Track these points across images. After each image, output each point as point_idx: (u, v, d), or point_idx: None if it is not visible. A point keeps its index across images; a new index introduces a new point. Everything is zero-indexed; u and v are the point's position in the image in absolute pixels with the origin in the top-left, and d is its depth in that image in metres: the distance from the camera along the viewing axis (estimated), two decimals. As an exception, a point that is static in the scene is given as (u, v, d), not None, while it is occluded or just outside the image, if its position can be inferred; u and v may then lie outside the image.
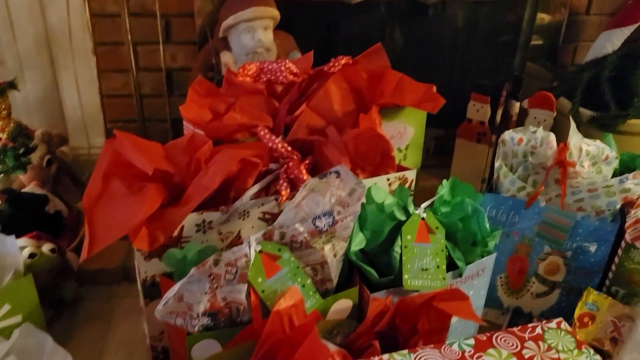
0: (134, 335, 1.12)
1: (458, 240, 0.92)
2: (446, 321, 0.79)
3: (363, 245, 0.87)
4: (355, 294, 0.84)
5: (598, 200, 1.08)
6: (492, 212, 1.14)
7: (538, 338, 0.76)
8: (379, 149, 0.97)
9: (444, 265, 0.88)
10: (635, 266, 1.04)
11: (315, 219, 0.79)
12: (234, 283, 0.74)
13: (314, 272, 0.84)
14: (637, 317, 0.98)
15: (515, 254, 1.15)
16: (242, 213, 0.90)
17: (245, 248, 0.75)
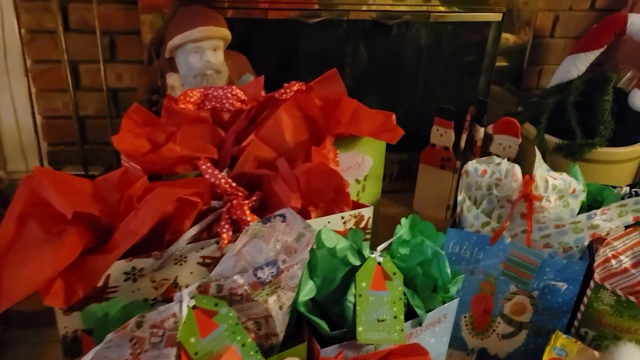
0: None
1: (417, 286, 0.85)
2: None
3: (313, 294, 0.79)
4: (303, 351, 0.76)
5: (565, 237, 1.02)
6: (455, 248, 1.07)
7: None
8: (333, 185, 0.89)
9: (401, 316, 0.80)
10: (605, 307, 0.98)
11: (257, 270, 0.71)
12: (161, 347, 0.65)
13: (257, 326, 0.75)
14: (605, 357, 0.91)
15: (480, 293, 1.08)
16: (179, 258, 0.80)
17: (174, 307, 0.65)
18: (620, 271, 0.98)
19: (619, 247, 0.99)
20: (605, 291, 0.97)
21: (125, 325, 0.62)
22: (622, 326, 0.98)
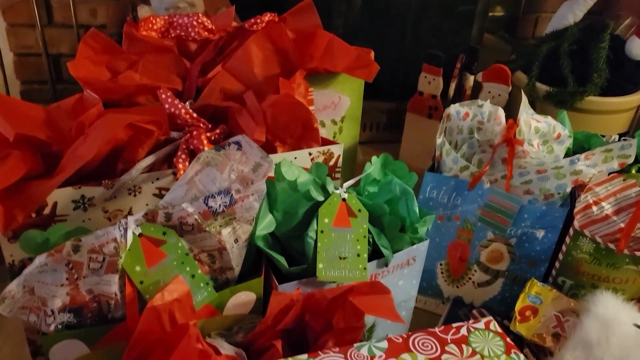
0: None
1: (384, 226, 0.81)
2: (360, 319, 0.68)
3: (272, 228, 0.75)
4: (258, 286, 0.72)
5: (547, 183, 0.98)
6: (432, 193, 1.03)
7: (462, 341, 0.65)
8: (300, 119, 0.84)
9: (365, 254, 0.77)
10: (584, 255, 0.94)
11: (208, 198, 0.67)
12: (101, 273, 0.61)
13: (210, 259, 0.72)
14: (582, 312, 0.88)
15: (457, 240, 1.04)
16: (133, 188, 0.76)
17: (114, 231, 0.62)
18: (601, 218, 0.94)
19: (601, 194, 0.94)
20: (585, 239, 0.93)
21: (60, 248, 0.59)
22: (600, 275, 0.94)
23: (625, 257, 0.90)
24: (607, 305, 0.87)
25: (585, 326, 0.86)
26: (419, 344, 0.64)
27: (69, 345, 0.63)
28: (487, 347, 0.64)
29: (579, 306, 0.91)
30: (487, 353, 0.63)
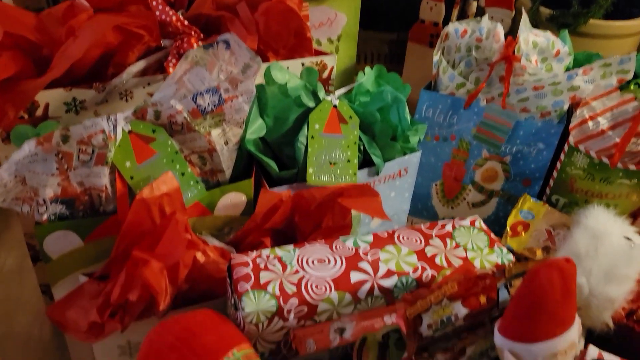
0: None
1: (375, 134, 0.81)
2: (347, 216, 0.69)
3: (262, 133, 0.76)
4: (248, 187, 0.73)
5: (544, 100, 0.97)
6: (428, 112, 1.02)
7: (446, 235, 0.66)
8: (292, 28, 0.83)
9: (355, 160, 0.78)
10: (577, 171, 0.94)
11: (196, 96, 0.67)
12: (90, 165, 0.62)
13: (201, 160, 0.72)
14: (573, 225, 0.89)
15: (452, 160, 1.05)
16: (124, 92, 0.77)
17: (102, 123, 0.62)
18: (597, 133, 0.93)
19: (598, 108, 0.93)
20: (579, 154, 0.93)
21: (49, 137, 0.60)
22: (593, 190, 0.95)
23: (619, 171, 0.90)
24: (598, 217, 0.87)
25: (575, 238, 0.86)
26: (403, 238, 0.66)
27: (62, 236, 0.64)
28: (471, 242, 0.66)
29: (570, 220, 0.91)
30: (471, 246, 0.65)
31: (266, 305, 0.56)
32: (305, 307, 0.57)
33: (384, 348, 0.60)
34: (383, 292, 0.59)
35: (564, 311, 0.47)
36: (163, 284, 0.58)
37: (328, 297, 0.58)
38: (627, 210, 0.95)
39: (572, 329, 0.49)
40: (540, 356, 0.47)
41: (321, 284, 0.58)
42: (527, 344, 0.47)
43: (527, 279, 0.48)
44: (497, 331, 0.49)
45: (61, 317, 0.60)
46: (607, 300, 0.79)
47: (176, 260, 0.59)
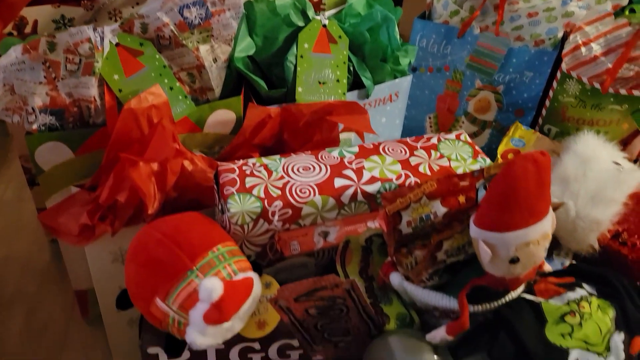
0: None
1: (365, 55, 0.81)
2: (334, 130, 0.70)
3: (251, 51, 0.76)
4: (238, 104, 0.74)
5: (538, 27, 0.96)
6: (422, 42, 1.02)
7: (431, 147, 0.67)
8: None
9: (344, 80, 0.78)
10: (569, 99, 0.94)
11: (182, 9, 0.67)
12: (78, 75, 0.63)
13: (190, 78, 0.73)
14: (562, 151, 0.89)
15: (446, 91, 1.04)
16: (112, 12, 0.77)
17: (88, 31, 0.63)
18: (589, 59, 0.93)
19: (591, 34, 0.93)
20: (571, 80, 0.92)
21: (35, 44, 0.60)
22: (585, 118, 0.95)
23: (610, 96, 0.90)
24: (587, 143, 0.87)
25: (564, 162, 0.87)
26: (389, 149, 0.66)
27: (53, 147, 0.65)
28: (456, 153, 0.66)
29: (560, 147, 0.92)
30: (455, 157, 0.65)
31: (251, 207, 0.57)
32: (289, 210, 0.59)
33: (367, 253, 0.62)
34: (366, 198, 0.61)
35: (538, 202, 0.48)
36: (151, 188, 0.59)
37: (312, 201, 0.59)
38: (617, 138, 0.95)
39: (546, 219, 0.50)
40: (513, 245, 0.49)
41: (305, 188, 0.59)
42: (501, 233, 0.49)
43: (503, 170, 0.49)
44: (472, 222, 0.51)
45: (53, 222, 0.61)
46: (593, 222, 0.80)
47: (164, 167, 0.60)
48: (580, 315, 0.54)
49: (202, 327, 0.50)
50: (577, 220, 0.80)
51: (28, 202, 1.00)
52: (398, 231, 0.53)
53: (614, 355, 0.53)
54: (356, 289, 0.52)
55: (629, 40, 0.91)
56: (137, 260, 0.54)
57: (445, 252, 0.53)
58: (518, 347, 0.52)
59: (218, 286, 0.48)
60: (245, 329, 0.56)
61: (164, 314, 0.52)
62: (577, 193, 0.83)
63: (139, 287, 0.53)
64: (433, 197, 0.53)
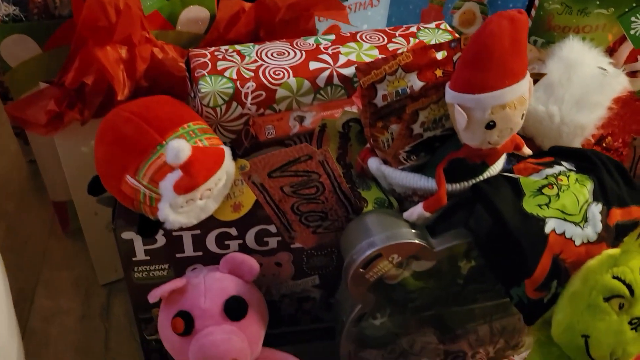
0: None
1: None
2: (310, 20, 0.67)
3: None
4: (211, 1, 0.71)
5: None
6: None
7: (410, 35, 0.65)
8: None
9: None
10: (555, 6, 0.92)
11: None
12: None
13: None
14: (547, 56, 0.88)
15: (430, 5, 1.02)
16: None
17: None
18: (577, -38, 0.90)
19: None
20: (557, -15, 0.90)
21: None
22: (571, 25, 0.92)
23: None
24: (573, 48, 0.86)
25: (549, 67, 0.85)
26: (366, 37, 0.65)
27: (19, 41, 0.63)
28: (435, 39, 0.65)
29: (545, 54, 0.90)
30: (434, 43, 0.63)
31: (223, 87, 0.56)
32: (263, 92, 0.57)
33: (345, 139, 0.61)
34: (343, 82, 0.59)
35: (514, 61, 0.47)
36: (120, 73, 0.57)
37: (286, 82, 0.57)
38: (603, 45, 0.93)
39: (522, 82, 0.48)
40: (489, 107, 0.47)
41: (279, 70, 0.58)
42: (476, 95, 0.47)
43: (478, 29, 0.47)
44: (448, 87, 0.49)
45: (21, 113, 0.60)
46: (577, 127, 0.80)
47: (133, 53, 0.59)
48: (558, 187, 0.54)
49: (173, 199, 0.49)
50: (561, 126, 0.79)
51: (5, 124, 0.98)
52: (373, 105, 0.52)
53: (591, 225, 0.53)
54: (329, 160, 0.51)
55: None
56: (105, 139, 0.52)
57: (422, 124, 0.52)
58: (494, 218, 0.51)
59: (185, 146, 0.47)
60: (221, 212, 0.55)
61: (134, 191, 0.51)
62: (562, 98, 0.82)
63: (109, 166, 0.52)
64: (409, 70, 0.52)
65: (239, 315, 0.54)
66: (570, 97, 0.82)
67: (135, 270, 0.59)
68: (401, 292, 0.57)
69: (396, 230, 0.52)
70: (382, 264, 0.52)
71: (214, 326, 0.53)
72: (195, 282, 0.55)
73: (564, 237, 0.52)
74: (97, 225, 0.72)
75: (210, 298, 0.54)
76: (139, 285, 0.60)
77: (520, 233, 0.51)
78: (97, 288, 0.77)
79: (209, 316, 0.53)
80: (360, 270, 0.52)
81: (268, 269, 0.61)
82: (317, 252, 0.61)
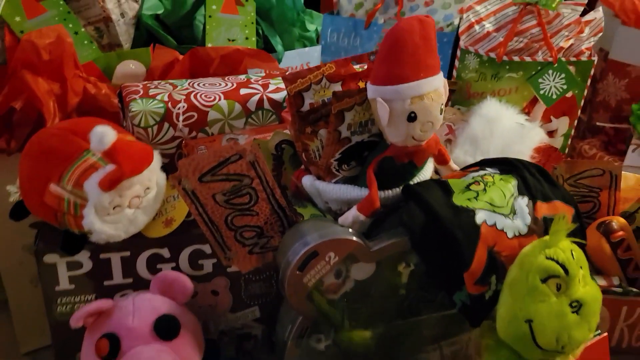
0: None
1: (273, 20, 0.85)
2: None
3: (159, 10, 0.78)
4: (147, 56, 0.74)
5: (435, 15, 1.04)
6: (333, 36, 1.07)
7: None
8: None
9: (254, 38, 0.81)
10: (472, 74, 1.00)
11: (87, -44, 0.69)
12: (-23, 8, 0.63)
13: (98, 33, 0.74)
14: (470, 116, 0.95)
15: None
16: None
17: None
18: (483, 36, 1.01)
19: (482, 13, 1.01)
20: (470, 55, 0.99)
21: None
22: (487, 90, 1.01)
23: (505, 64, 0.97)
24: (491, 106, 0.93)
25: (472, 124, 0.92)
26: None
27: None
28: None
29: (467, 115, 0.97)
30: (358, 77, 0.68)
31: (154, 107, 0.57)
32: (195, 114, 0.58)
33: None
34: (273, 106, 0.62)
35: (426, 56, 0.51)
36: (50, 103, 0.58)
37: (217, 105, 0.59)
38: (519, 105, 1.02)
39: (437, 77, 0.52)
40: (408, 97, 0.50)
41: (211, 94, 0.60)
42: (395, 86, 0.50)
43: (390, 29, 0.51)
44: (369, 84, 0.52)
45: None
46: (505, 175, 0.84)
47: (65, 87, 0.60)
48: (484, 183, 0.56)
49: (98, 198, 0.47)
50: (489, 174, 0.83)
51: None
52: (300, 112, 0.54)
53: (520, 217, 0.54)
54: (260, 160, 0.51)
55: (515, 17, 1.00)
56: (30, 154, 0.51)
57: (349, 127, 0.54)
58: (427, 212, 0.52)
59: (110, 131, 0.46)
60: (152, 228, 0.54)
61: (58, 200, 0.49)
62: (487, 150, 0.87)
63: (32, 179, 0.51)
64: (333, 80, 0.55)
65: (170, 334, 0.50)
66: (495, 148, 0.87)
67: (58, 303, 0.54)
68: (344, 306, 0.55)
69: (331, 229, 0.52)
70: (319, 264, 0.51)
71: (142, 346, 0.49)
72: (124, 304, 0.52)
73: (495, 229, 0.53)
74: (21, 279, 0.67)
75: (139, 317, 0.50)
76: (62, 323, 0.55)
77: (453, 225, 0.51)
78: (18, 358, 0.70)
79: (137, 336, 0.49)
80: (297, 272, 0.50)
81: (204, 298, 0.58)
82: (255, 276, 0.59)
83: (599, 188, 0.77)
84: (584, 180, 0.77)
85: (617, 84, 1.18)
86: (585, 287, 0.51)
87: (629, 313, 0.73)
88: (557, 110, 1.02)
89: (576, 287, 0.50)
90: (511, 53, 0.99)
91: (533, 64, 0.97)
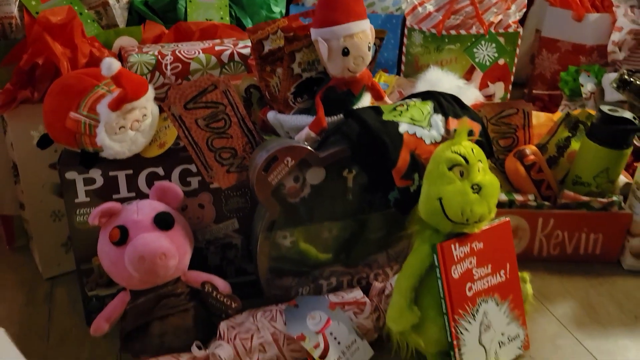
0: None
1: (244, 4, 1.01)
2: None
3: (149, -4, 0.94)
4: (139, 33, 0.90)
5: (386, 2, 1.22)
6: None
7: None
8: None
9: (227, 18, 0.97)
10: (418, 49, 1.17)
11: (88, -48, 0.85)
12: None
13: (98, 15, 0.89)
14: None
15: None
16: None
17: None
18: (426, 15, 1.18)
19: (424, -5, 1.19)
20: (415, 32, 1.16)
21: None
22: (431, 62, 1.18)
23: (445, 37, 1.14)
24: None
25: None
26: (260, 38, 0.84)
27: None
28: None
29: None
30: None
31: (147, 59, 0.73)
32: (179, 65, 0.74)
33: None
34: (242, 59, 0.77)
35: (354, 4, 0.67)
36: (65, 63, 0.73)
37: (197, 57, 0.75)
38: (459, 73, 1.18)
39: (364, 22, 0.68)
40: (342, 36, 0.66)
41: (191, 50, 0.76)
42: (331, 27, 0.66)
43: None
44: (312, 29, 0.68)
45: (-20, 99, 0.73)
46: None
47: (75, 52, 0.75)
48: (407, 105, 0.71)
49: (107, 117, 0.62)
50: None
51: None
52: (262, 55, 0.70)
53: (435, 129, 0.70)
54: (231, 89, 0.67)
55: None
56: (52, 92, 0.66)
57: (299, 64, 0.70)
58: (361, 124, 0.68)
59: (116, 62, 0.62)
60: (149, 150, 0.69)
61: (76, 123, 0.64)
62: (430, 107, 1.03)
63: (55, 111, 0.66)
64: (286, 31, 0.71)
65: (167, 225, 0.65)
66: (437, 105, 1.02)
67: (77, 214, 0.69)
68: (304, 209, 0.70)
69: (288, 141, 0.67)
70: (279, 167, 0.66)
71: (145, 233, 0.64)
72: (129, 206, 0.67)
73: (415, 137, 0.69)
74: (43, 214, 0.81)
75: (142, 213, 0.65)
76: (80, 230, 0.70)
77: (381, 132, 0.67)
78: (41, 282, 0.84)
79: (141, 226, 0.64)
80: (263, 172, 0.66)
81: (193, 211, 0.73)
82: (233, 192, 0.74)
83: (516, 126, 0.93)
84: (503, 119, 0.93)
85: (550, 58, 1.36)
86: (485, 176, 0.67)
87: (544, 224, 0.88)
88: (493, 76, 1.20)
89: (476, 174, 0.65)
90: (450, 29, 1.16)
91: (468, 37, 1.15)
